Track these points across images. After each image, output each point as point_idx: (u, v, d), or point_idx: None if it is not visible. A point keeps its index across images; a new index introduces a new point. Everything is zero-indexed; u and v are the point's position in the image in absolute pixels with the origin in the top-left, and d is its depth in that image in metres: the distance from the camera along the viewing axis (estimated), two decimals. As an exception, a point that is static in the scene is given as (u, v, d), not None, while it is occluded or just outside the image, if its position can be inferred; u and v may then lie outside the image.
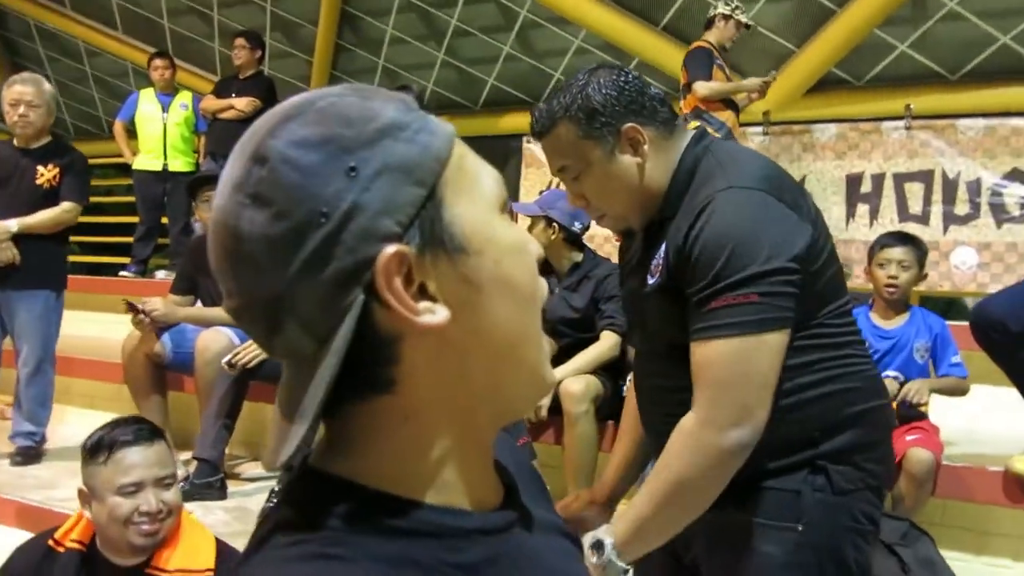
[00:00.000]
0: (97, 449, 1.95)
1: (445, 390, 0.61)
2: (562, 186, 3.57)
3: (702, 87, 4.68)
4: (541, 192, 6.43)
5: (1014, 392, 3.39)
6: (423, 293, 0.58)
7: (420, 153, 0.59)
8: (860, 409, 1.51)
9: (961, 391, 3.09)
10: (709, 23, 4.99)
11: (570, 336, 3.46)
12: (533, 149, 6.51)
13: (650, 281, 1.57)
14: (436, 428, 0.62)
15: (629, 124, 1.53)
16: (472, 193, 0.62)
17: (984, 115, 5.24)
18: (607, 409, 3.32)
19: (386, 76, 7.46)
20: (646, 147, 1.54)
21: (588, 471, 3.17)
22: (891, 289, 3.06)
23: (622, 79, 1.57)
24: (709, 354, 1.41)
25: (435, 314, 0.58)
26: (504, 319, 0.62)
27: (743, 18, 4.98)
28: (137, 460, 1.93)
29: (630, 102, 1.55)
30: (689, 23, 5.94)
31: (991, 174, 5.20)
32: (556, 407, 3.23)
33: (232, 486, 3.67)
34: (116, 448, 1.94)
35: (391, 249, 0.56)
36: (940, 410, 3.08)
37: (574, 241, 3.56)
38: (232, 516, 3.34)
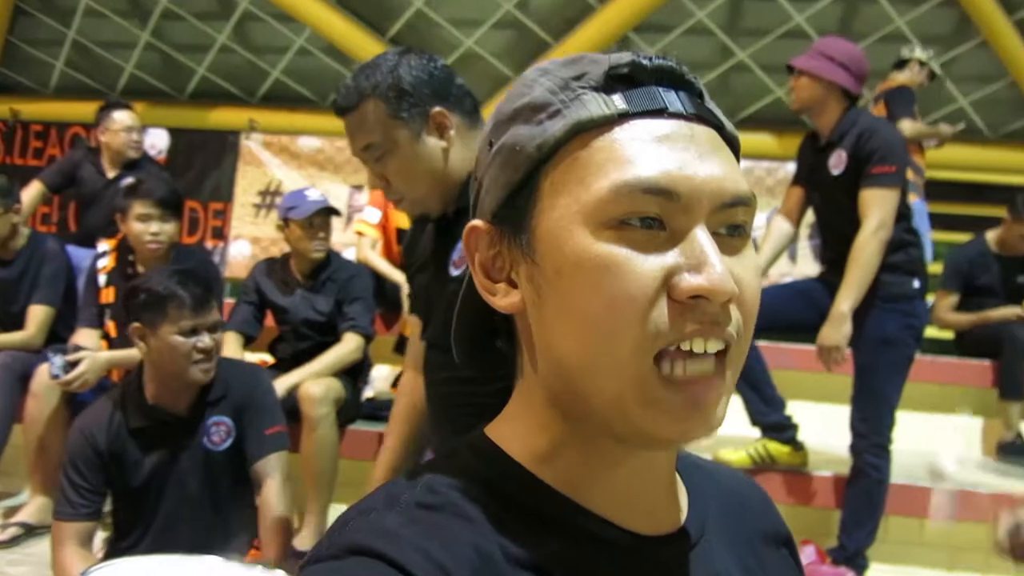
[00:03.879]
0: None
1: (535, 372, 0.60)
2: (309, 191, 3.44)
3: (909, 127, 4.57)
4: (259, 192, 6.17)
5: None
6: (509, 275, 0.60)
7: (528, 138, 0.58)
8: None
9: None
10: (900, 64, 4.87)
11: (313, 339, 3.33)
12: (251, 147, 6.19)
13: (454, 272, 1.59)
14: (544, 404, 0.60)
15: (437, 108, 1.56)
16: (571, 193, 0.56)
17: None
18: (347, 413, 3.22)
19: (76, 51, 6.74)
20: (452, 132, 1.58)
21: (329, 478, 3.04)
22: None
23: (432, 64, 1.60)
24: None
25: (505, 297, 0.60)
26: (562, 340, 0.56)
27: (937, 69, 4.93)
28: None
29: (439, 87, 1.58)
30: (416, 38, 6.00)
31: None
32: (295, 412, 2.99)
33: None
34: None
35: (471, 224, 0.61)
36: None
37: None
38: None
